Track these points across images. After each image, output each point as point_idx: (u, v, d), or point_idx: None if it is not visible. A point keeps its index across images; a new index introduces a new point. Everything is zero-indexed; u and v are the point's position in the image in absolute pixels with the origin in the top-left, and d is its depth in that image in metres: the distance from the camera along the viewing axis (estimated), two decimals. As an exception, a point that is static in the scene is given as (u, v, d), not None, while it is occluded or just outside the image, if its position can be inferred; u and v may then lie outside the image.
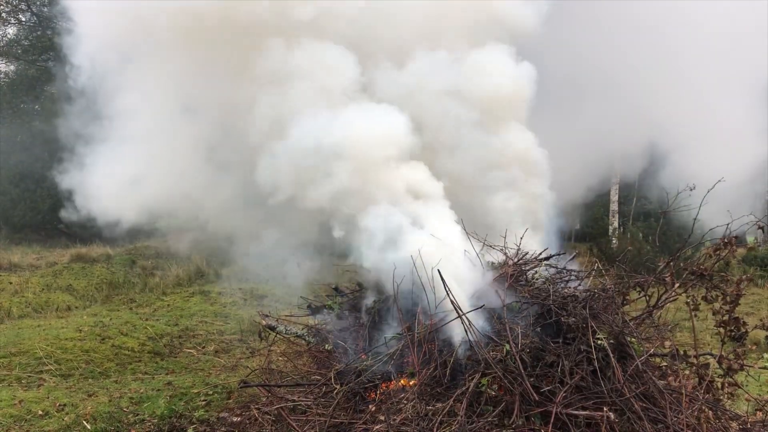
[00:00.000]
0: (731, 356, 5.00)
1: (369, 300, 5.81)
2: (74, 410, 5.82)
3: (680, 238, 13.61)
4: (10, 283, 12.00)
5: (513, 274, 5.34)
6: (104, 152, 7.16)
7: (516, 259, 5.62)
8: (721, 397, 5.00)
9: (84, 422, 5.58)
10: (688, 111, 9.51)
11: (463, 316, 4.54)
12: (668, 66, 9.64)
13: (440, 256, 5.06)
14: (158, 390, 6.54)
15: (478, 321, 4.73)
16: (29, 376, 6.92)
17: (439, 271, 4.67)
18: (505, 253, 5.72)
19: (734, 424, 4.86)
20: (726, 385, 5.02)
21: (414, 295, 5.12)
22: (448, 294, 4.58)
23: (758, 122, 9.33)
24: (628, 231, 18.79)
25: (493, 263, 5.69)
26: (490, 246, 5.74)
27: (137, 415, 5.86)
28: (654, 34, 9.79)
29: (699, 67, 9.49)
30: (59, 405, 5.93)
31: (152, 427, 5.63)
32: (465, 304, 4.73)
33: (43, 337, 8.01)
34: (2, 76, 23.53)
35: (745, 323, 5.12)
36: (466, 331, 4.58)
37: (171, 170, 7.07)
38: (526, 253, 5.69)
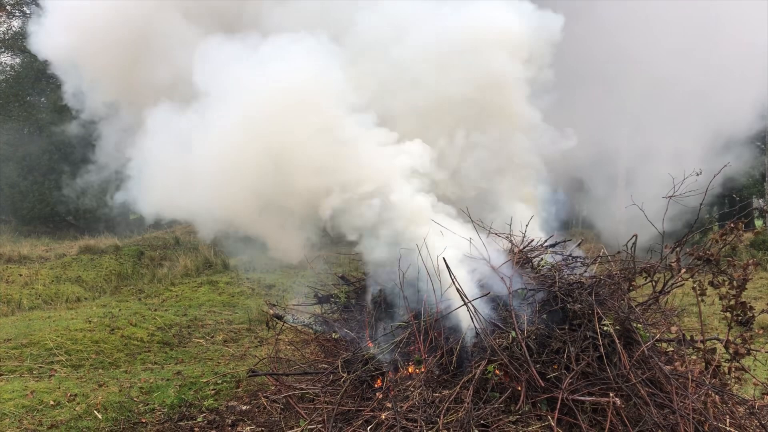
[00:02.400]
0: (738, 341, 5.00)
1: (375, 289, 5.82)
2: (85, 400, 5.88)
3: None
4: (20, 275, 12.11)
5: (519, 261, 5.34)
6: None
7: (522, 246, 5.62)
8: (728, 382, 5.00)
9: (95, 412, 5.64)
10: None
11: (469, 304, 4.55)
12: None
13: (445, 244, 5.08)
14: (168, 379, 6.59)
15: (484, 308, 4.75)
16: (40, 367, 7.00)
17: (444, 258, 4.68)
18: (511, 241, 5.72)
19: (741, 409, 4.87)
20: (733, 369, 5.03)
21: (419, 283, 5.14)
22: (453, 282, 4.60)
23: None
24: (636, 217, 18.68)
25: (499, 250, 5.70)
26: (496, 234, 5.73)
27: (147, 404, 5.92)
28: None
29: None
30: (70, 395, 5.99)
31: (162, 416, 5.69)
32: (471, 292, 4.75)
33: (53, 329, 8.08)
34: (8, 68, 23.58)
35: (751, 308, 5.11)
36: (472, 319, 4.60)
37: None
38: (532, 240, 5.68)
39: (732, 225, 5.09)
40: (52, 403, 5.81)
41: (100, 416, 5.57)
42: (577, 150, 7.11)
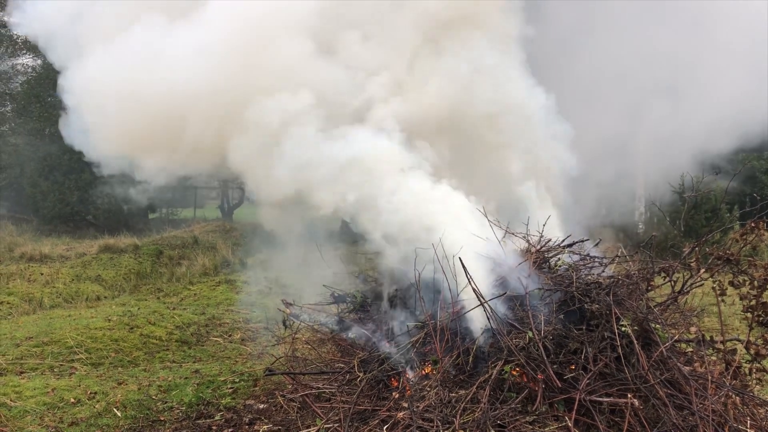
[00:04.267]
0: (759, 341, 4.93)
1: (391, 288, 5.83)
2: (105, 398, 5.94)
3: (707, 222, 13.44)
4: (41, 274, 12.26)
5: (536, 261, 5.31)
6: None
7: (539, 246, 5.59)
8: (749, 383, 4.94)
9: (114, 410, 5.71)
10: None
11: (485, 304, 4.54)
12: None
13: (462, 242, 5.06)
14: (186, 378, 6.65)
15: (501, 308, 4.73)
16: (61, 365, 7.08)
17: (460, 258, 4.67)
18: (528, 240, 5.69)
19: (762, 411, 4.80)
20: (754, 370, 4.96)
21: (436, 282, 5.13)
22: (469, 282, 4.58)
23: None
24: (654, 216, 18.51)
25: (516, 250, 5.67)
26: (512, 233, 5.70)
27: (166, 402, 5.97)
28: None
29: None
30: (90, 393, 6.06)
31: (180, 414, 5.73)
32: (487, 292, 4.74)
33: (73, 327, 8.17)
34: (29, 70, 23.89)
35: (773, 308, 5.03)
36: (488, 319, 4.58)
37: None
38: (549, 240, 5.65)
39: (752, 224, 5.02)
40: (72, 400, 5.88)
41: (119, 414, 5.64)
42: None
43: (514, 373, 4.46)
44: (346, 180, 5.47)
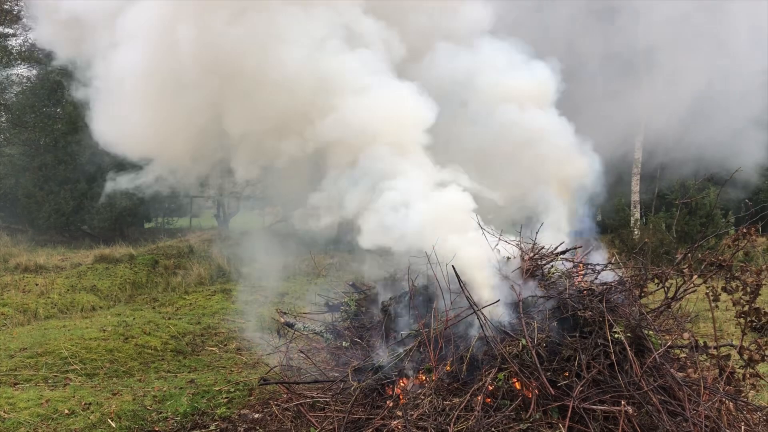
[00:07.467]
0: (752, 347, 4.94)
1: (385, 296, 5.83)
2: (99, 409, 5.92)
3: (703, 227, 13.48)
4: (36, 284, 12.23)
5: (529, 268, 5.33)
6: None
7: (532, 254, 5.60)
8: (743, 389, 4.95)
9: (109, 420, 5.68)
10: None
11: (478, 312, 4.55)
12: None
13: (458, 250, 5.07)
14: (181, 388, 6.63)
15: (494, 316, 4.74)
16: (55, 376, 7.06)
17: (453, 267, 4.68)
18: (521, 248, 5.70)
19: (756, 416, 4.81)
20: (747, 376, 4.97)
21: (430, 290, 5.14)
22: (463, 290, 4.59)
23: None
24: (650, 222, 18.56)
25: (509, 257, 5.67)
26: (506, 241, 5.71)
27: (161, 413, 5.95)
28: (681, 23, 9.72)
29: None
30: (85, 404, 6.04)
31: (175, 424, 5.72)
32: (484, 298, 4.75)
33: (68, 338, 8.15)
34: (24, 80, 23.88)
35: (766, 313, 5.04)
36: (482, 327, 4.59)
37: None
38: (543, 247, 5.66)
39: (744, 230, 5.04)
40: (66, 411, 5.86)
41: (113, 425, 5.61)
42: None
43: (515, 380, 4.46)
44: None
